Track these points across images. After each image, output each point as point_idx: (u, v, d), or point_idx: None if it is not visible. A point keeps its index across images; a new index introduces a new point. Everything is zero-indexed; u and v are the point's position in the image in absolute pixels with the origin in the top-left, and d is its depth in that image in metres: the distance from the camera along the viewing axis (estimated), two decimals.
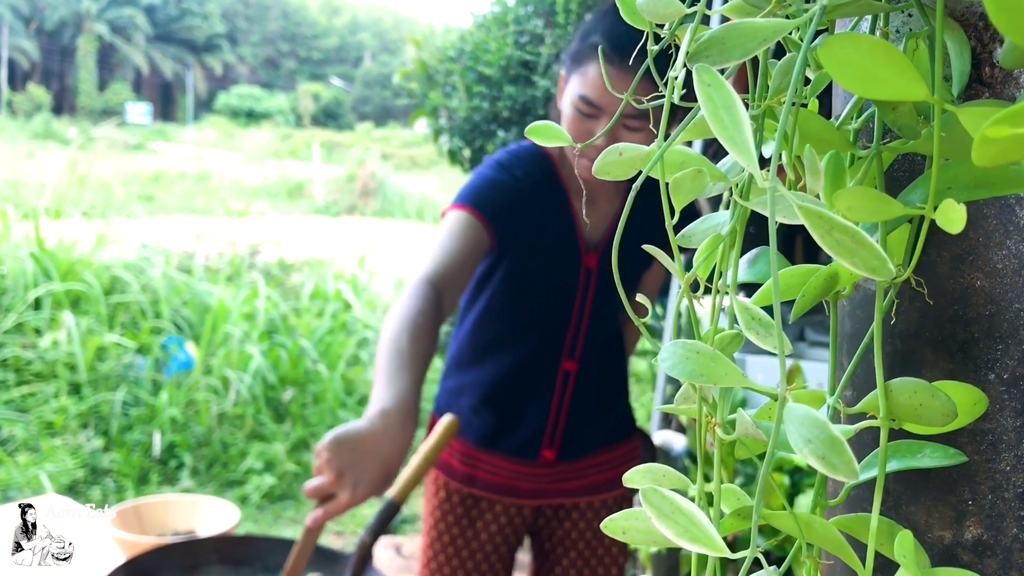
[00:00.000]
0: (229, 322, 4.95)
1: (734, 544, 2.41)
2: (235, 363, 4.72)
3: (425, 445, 1.65)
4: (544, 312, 1.68)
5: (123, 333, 4.76)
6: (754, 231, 0.57)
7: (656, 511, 0.37)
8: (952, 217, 0.34)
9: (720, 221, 0.45)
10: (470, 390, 1.74)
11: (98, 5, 45.72)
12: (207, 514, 1.74)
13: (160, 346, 4.73)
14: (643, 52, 0.43)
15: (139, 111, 38.75)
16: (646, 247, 0.45)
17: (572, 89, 1.49)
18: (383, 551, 3.54)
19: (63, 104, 45.06)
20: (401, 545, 3.67)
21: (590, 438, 1.77)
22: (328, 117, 45.73)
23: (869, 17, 0.46)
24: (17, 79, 45.31)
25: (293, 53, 57.30)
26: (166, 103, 51.27)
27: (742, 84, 0.48)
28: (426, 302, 1.38)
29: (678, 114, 1.55)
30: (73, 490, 3.82)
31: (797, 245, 3.92)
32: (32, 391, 4.32)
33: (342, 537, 3.85)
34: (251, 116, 42.46)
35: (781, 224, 0.42)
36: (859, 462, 0.48)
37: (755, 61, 0.43)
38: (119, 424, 4.26)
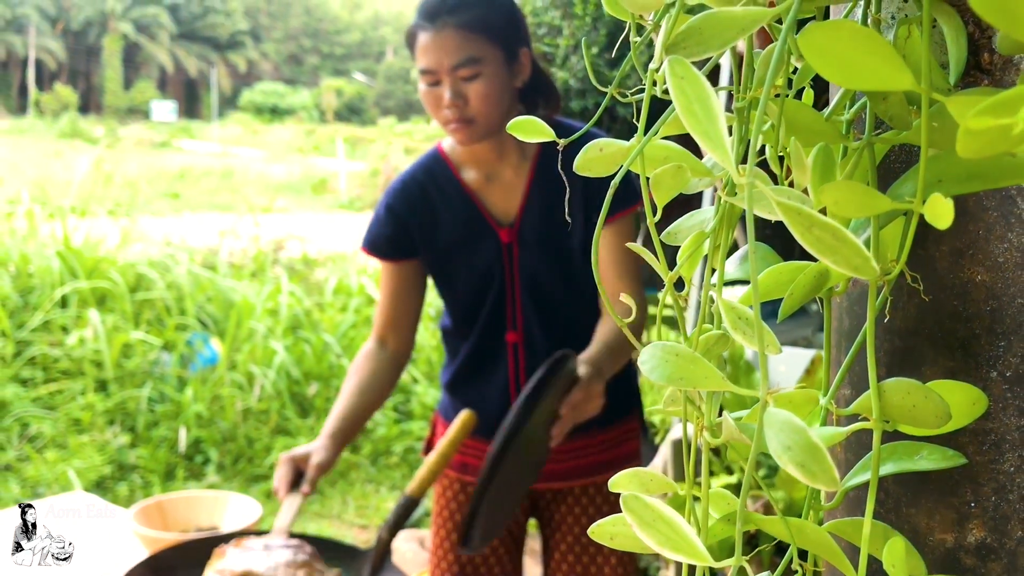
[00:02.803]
0: (253, 318, 4.97)
1: (756, 537, 2.38)
2: (260, 359, 4.74)
3: (442, 441, 1.65)
4: (477, 294, 1.75)
5: (148, 330, 4.80)
6: (770, 233, 0.56)
7: (637, 519, 0.36)
8: (939, 212, 0.32)
9: (707, 217, 0.44)
10: (447, 384, 1.84)
11: (123, 4, 46.09)
12: (230, 510, 1.75)
13: (185, 342, 4.76)
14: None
15: (164, 109, 39.06)
16: (630, 245, 0.44)
17: (416, 67, 1.62)
18: (406, 544, 3.55)
19: (90, 103, 45.52)
20: (424, 538, 3.68)
21: None
22: (351, 112, 45.85)
23: (863, 3, 0.44)
24: (44, 79, 45.81)
25: (316, 49, 57.49)
26: (191, 100, 51.64)
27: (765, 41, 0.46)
28: (363, 356, 1.78)
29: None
30: (101, 486, 3.85)
31: None
32: (59, 388, 4.37)
33: (366, 531, 3.87)
34: (275, 112, 42.64)
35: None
36: (857, 463, 0.46)
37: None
38: (145, 420, 4.30)
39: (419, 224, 1.73)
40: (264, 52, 54.88)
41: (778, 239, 0.55)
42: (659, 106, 0.42)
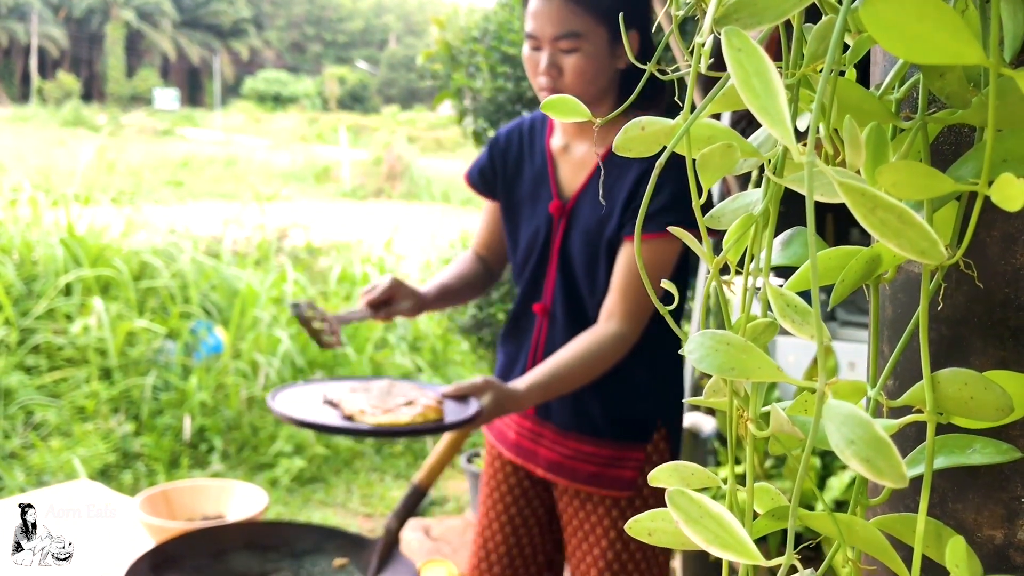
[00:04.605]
0: (257, 306, 4.96)
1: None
2: (264, 347, 4.73)
3: (452, 433, 1.64)
4: (526, 253, 1.80)
5: (152, 318, 4.79)
6: (784, 210, 0.54)
7: (683, 515, 0.34)
8: (1010, 193, 0.30)
9: (751, 200, 0.42)
10: (500, 336, 1.92)
11: None
12: (236, 498, 1.74)
13: (189, 331, 4.75)
14: None
15: (167, 97, 39.00)
16: (671, 228, 0.42)
17: (524, 29, 1.65)
18: (412, 533, 3.55)
19: (92, 91, 45.43)
20: (430, 527, 3.68)
21: (572, 409, 1.75)
22: (354, 100, 45.75)
23: None
24: (47, 67, 45.73)
25: (319, 37, 57.34)
26: (194, 88, 51.54)
27: (773, 53, 0.45)
28: (465, 257, 1.95)
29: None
30: (105, 474, 3.85)
31: (828, 223, 3.84)
32: (64, 376, 4.36)
33: (371, 520, 3.87)
34: (278, 100, 42.57)
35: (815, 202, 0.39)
36: (903, 457, 0.45)
37: (788, 25, 0.40)
38: (149, 408, 4.29)
39: (505, 167, 1.83)
40: (267, 40, 54.74)
41: (792, 221, 0.53)
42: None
